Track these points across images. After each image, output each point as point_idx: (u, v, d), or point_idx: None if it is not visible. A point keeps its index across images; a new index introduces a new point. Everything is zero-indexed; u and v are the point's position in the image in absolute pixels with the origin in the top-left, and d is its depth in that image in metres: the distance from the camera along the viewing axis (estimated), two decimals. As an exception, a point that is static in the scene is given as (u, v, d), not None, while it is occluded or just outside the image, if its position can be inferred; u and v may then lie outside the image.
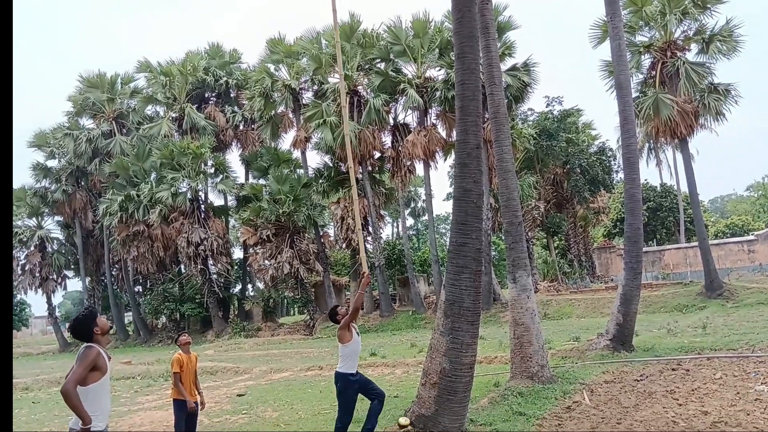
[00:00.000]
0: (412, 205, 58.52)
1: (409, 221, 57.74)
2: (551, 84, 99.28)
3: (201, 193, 34.37)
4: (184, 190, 32.42)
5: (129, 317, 43.12)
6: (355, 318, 6.72)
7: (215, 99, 38.53)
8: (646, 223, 32.70)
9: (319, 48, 30.46)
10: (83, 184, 39.16)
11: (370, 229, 29.89)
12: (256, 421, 9.23)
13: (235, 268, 38.10)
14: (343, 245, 32.01)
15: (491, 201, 26.85)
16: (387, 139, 30.20)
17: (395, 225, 58.18)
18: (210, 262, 33.62)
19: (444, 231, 56.02)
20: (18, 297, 44.53)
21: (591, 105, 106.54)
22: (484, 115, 17.81)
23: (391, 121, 30.13)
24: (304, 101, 32.02)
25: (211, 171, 34.13)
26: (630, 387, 8.87)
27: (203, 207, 34.61)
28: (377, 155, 30.27)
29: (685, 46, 24.45)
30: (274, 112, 33.06)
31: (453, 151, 19.87)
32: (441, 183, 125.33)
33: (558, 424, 7.10)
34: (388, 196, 32.20)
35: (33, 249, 38.77)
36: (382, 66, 29.27)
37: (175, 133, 35.70)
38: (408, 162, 29.23)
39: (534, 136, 29.80)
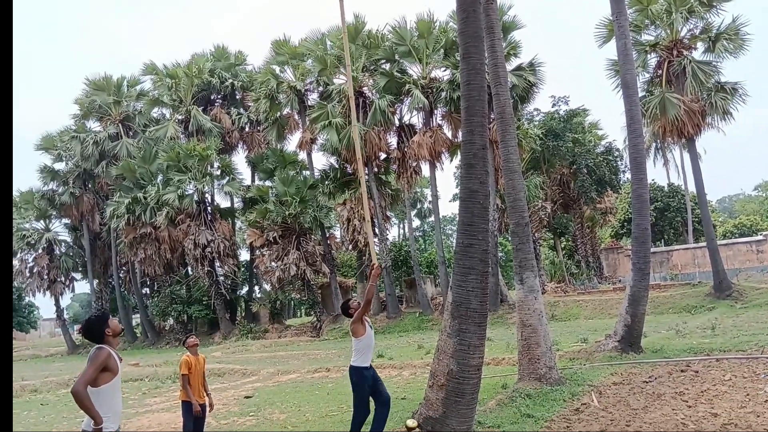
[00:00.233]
0: (418, 206, 58.39)
1: (416, 222, 57.65)
2: (557, 84, 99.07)
3: (207, 195, 34.45)
4: (190, 192, 32.54)
5: (137, 319, 43.30)
6: (368, 310, 6.71)
7: (221, 101, 38.68)
8: (653, 224, 32.49)
9: (324, 49, 30.45)
10: (90, 186, 39.35)
11: (376, 231, 29.86)
12: (263, 423, 9.23)
13: (242, 270, 38.21)
14: (350, 247, 31.97)
15: (498, 202, 26.73)
16: (392, 140, 30.13)
17: (401, 226, 58.15)
18: (217, 264, 33.73)
19: (450, 232, 55.89)
20: (26, 299, 44.86)
21: (597, 105, 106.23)
22: (489, 116, 17.77)
23: (397, 122, 30.07)
24: (309, 103, 32.01)
25: (218, 173, 34.21)
26: (639, 389, 8.82)
27: (210, 209, 34.69)
28: (383, 156, 30.26)
29: (692, 44, 24.30)
30: (279, 113, 33.07)
31: (459, 152, 19.91)
32: (447, 184, 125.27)
33: (566, 426, 7.07)
34: (394, 197, 32.18)
35: (41, 251, 38.99)
36: (387, 67, 29.25)
37: (182, 136, 35.85)
38: (414, 163, 29.16)
39: (540, 136, 29.67)
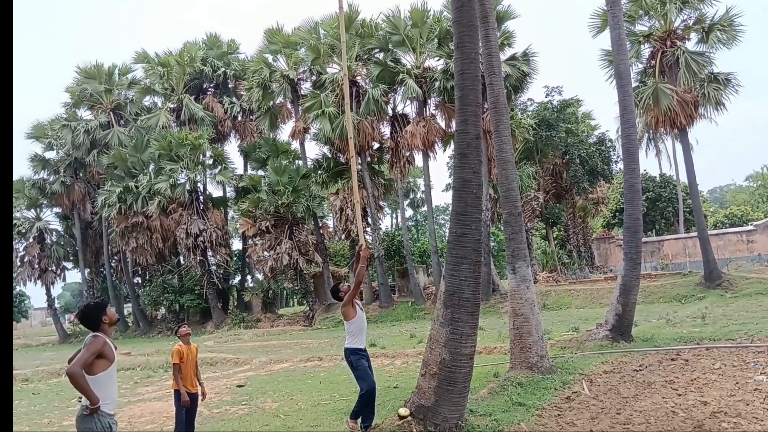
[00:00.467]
0: (411, 196, 58.46)
1: (408, 212, 57.74)
2: (551, 74, 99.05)
3: (200, 185, 34.28)
4: (182, 181, 32.35)
5: (128, 308, 43.21)
6: (357, 293, 6.70)
7: (213, 90, 38.39)
8: (645, 214, 32.65)
9: (318, 38, 30.24)
10: (81, 175, 39.08)
11: (369, 220, 29.85)
12: (255, 412, 9.25)
13: (234, 259, 38.12)
14: (342, 236, 31.99)
15: (490, 191, 26.77)
16: (386, 130, 30.06)
17: (394, 216, 58.23)
18: (209, 253, 33.66)
19: (443, 222, 55.99)
20: (17, 288, 44.58)
21: (590, 95, 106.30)
22: (483, 105, 17.73)
23: (390, 112, 29.95)
24: (302, 92, 31.84)
25: (210, 162, 34.03)
26: (629, 377, 8.89)
27: (202, 198, 34.55)
28: (376, 146, 30.16)
29: (685, 35, 24.30)
30: (272, 102, 32.89)
31: (452, 142, 19.86)
32: (440, 174, 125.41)
33: (557, 414, 7.12)
34: (387, 187, 32.10)
35: (32, 240, 38.78)
36: (380, 56, 29.08)
37: (173, 124, 35.61)
38: (407, 153, 29.10)
39: (533, 126, 29.68)
